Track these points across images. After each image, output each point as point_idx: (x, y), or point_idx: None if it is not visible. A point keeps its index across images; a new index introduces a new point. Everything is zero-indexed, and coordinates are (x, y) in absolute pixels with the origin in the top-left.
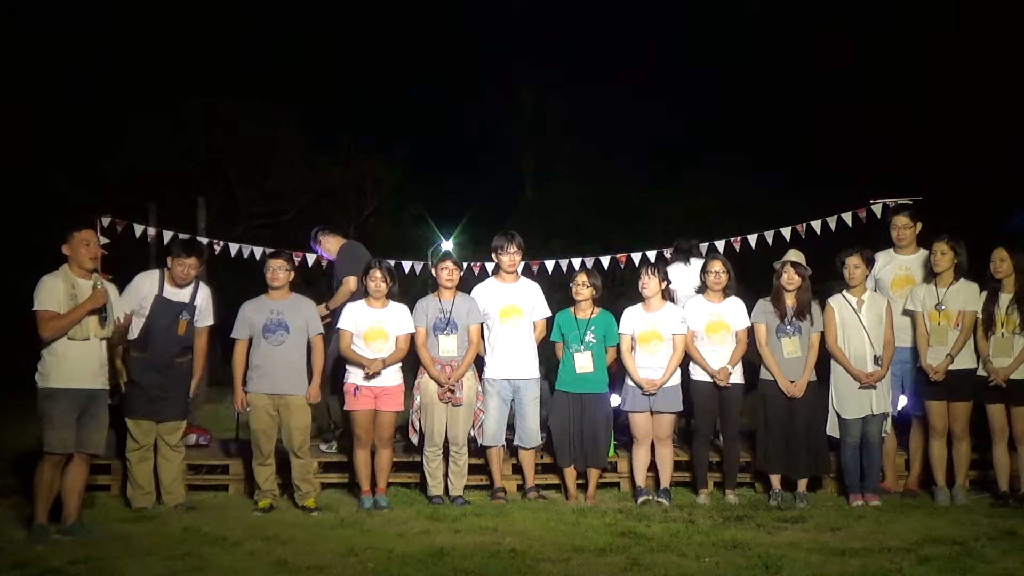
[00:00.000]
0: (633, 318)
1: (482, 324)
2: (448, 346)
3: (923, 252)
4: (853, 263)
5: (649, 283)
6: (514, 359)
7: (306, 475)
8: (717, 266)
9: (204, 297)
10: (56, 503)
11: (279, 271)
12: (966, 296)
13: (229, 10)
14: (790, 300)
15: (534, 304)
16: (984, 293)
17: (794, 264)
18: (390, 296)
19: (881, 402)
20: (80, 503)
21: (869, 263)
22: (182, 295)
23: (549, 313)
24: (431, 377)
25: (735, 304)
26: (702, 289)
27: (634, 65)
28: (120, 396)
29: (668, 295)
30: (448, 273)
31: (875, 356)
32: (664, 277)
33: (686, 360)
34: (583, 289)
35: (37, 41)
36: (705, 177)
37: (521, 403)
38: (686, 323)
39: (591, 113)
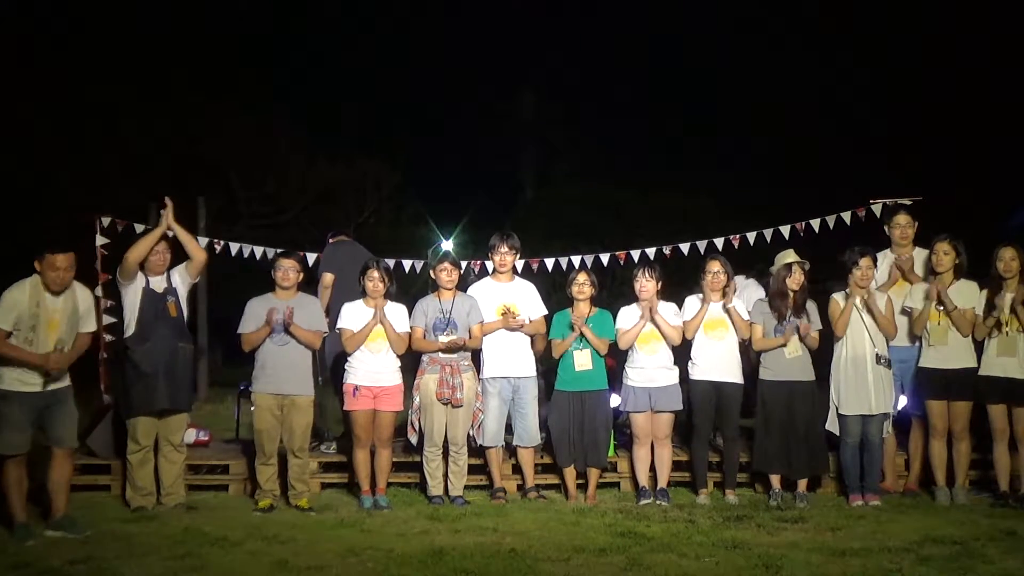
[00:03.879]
0: (631, 318)
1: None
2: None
3: (920, 252)
4: (866, 264)
5: (647, 285)
6: (512, 358)
7: (302, 475)
8: (715, 267)
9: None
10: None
11: (290, 271)
12: (966, 295)
13: (229, 10)
14: (790, 301)
15: (529, 302)
16: (985, 292)
17: (800, 264)
18: (388, 296)
19: (881, 401)
20: (67, 497)
21: (875, 263)
22: (162, 282)
23: (546, 311)
24: (430, 352)
25: (734, 302)
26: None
27: (634, 65)
28: (120, 397)
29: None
30: (447, 274)
31: (876, 355)
32: (659, 278)
33: (685, 360)
34: (585, 288)
35: (37, 40)
36: (705, 177)
37: (521, 402)
38: (680, 316)
39: (591, 113)
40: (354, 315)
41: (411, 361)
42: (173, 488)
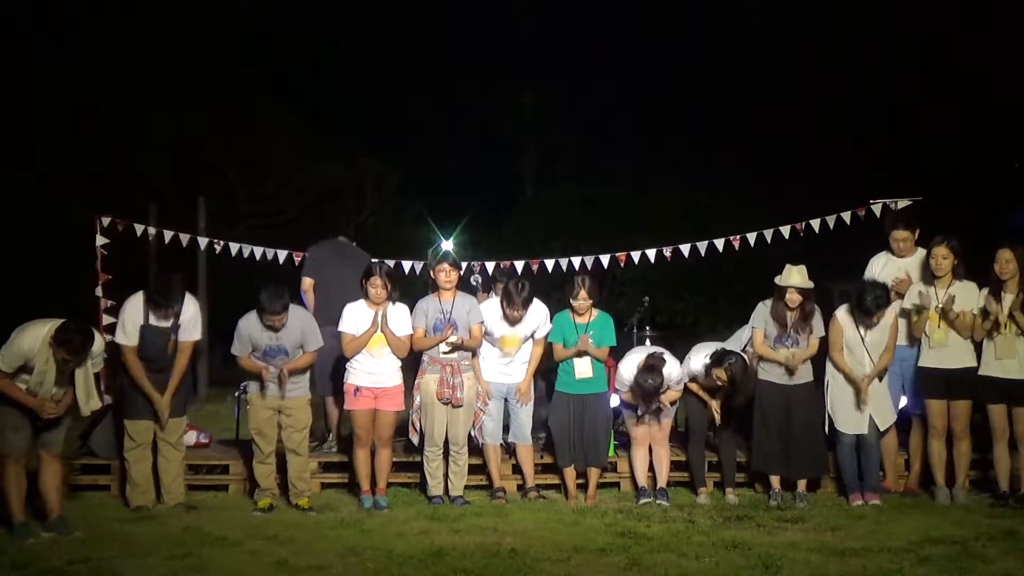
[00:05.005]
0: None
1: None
2: (448, 347)
3: (921, 252)
4: (879, 314)
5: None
6: (507, 371)
7: (302, 473)
8: (723, 375)
9: (191, 312)
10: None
11: (283, 318)
12: (964, 297)
13: (229, 10)
14: (792, 316)
15: (536, 328)
16: (984, 291)
17: (799, 289)
18: (391, 300)
19: (883, 418)
20: (59, 499)
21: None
22: (167, 317)
23: (550, 326)
24: (430, 347)
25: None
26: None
27: (634, 65)
28: (118, 398)
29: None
30: (446, 275)
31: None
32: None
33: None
34: (584, 303)
35: (37, 40)
36: (705, 177)
37: (514, 403)
38: (683, 381)
39: (591, 113)
40: (356, 317)
41: (411, 361)
42: (173, 487)
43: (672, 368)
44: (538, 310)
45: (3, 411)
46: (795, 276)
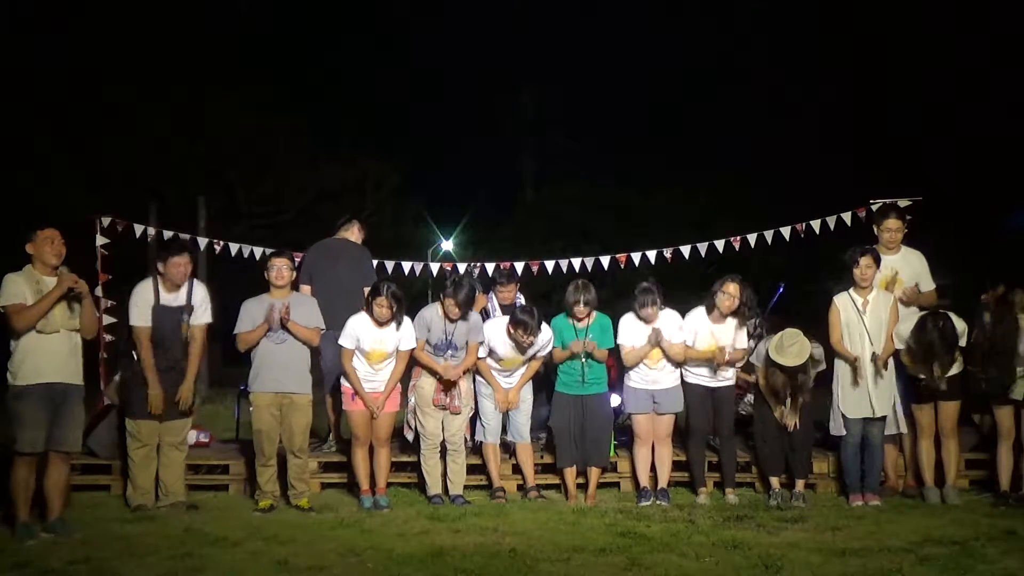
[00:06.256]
0: (633, 330)
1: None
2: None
3: (907, 251)
4: (866, 263)
5: (654, 314)
6: (507, 381)
7: (302, 475)
8: (732, 288)
9: (201, 296)
10: (43, 501)
11: (283, 269)
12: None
13: (229, 10)
14: (787, 385)
15: (538, 349)
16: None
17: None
18: (395, 319)
19: (882, 403)
20: (62, 501)
21: (878, 263)
22: (178, 298)
23: (551, 348)
24: (427, 370)
25: (740, 332)
26: (710, 307)
27: (634, 65)
28: (123, 399)
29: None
30: (452, 310)
31: (872, 353)
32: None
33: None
34: (582, 311)
35: (37, 41)
36: (705, 177)
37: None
38: (683, 331)
39: (591, 113)
40: (358, 333)
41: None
42: (173, 487)
43: (671, 315)
44: (544, 333)
45: (23, 405)
46: (791, 356)
